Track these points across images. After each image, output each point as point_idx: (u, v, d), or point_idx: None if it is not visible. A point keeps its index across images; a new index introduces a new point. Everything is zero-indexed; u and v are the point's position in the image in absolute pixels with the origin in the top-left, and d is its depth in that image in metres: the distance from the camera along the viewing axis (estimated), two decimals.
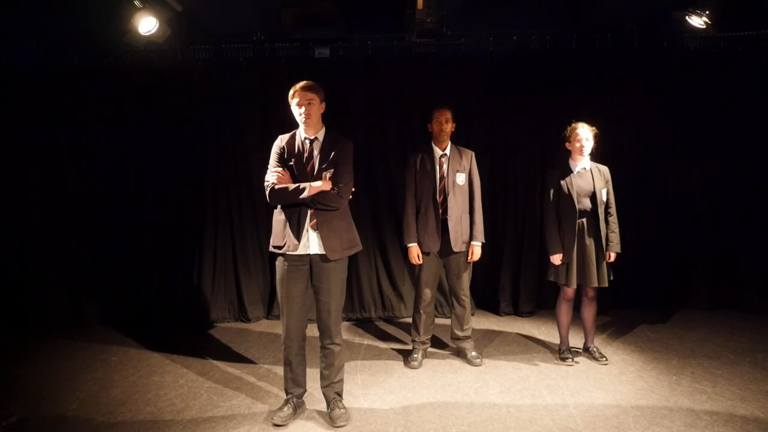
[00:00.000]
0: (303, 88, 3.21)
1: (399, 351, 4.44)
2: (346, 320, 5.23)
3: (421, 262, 4.08)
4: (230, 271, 5.28)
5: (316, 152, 3.26)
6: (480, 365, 4.08)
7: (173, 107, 5.20)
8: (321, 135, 3.30)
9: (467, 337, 4.22)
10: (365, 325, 5.14)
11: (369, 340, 4.72)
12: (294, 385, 3.39)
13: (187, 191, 5.23)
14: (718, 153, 5.31)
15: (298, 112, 3.23)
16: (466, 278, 4.17)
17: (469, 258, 4.10)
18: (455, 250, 4.04)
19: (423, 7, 4.27)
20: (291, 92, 3.24)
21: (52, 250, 5.20)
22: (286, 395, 3.41)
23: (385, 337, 4.82)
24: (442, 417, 3.33)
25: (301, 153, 3.27)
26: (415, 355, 4.14)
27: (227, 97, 5.21)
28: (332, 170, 3.23)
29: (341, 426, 3.23)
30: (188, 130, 5.21)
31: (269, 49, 5.21)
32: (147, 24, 4.42)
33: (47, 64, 5.14)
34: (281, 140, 3.35)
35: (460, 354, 4.25)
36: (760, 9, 4.89)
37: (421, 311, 4.13)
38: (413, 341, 4.21)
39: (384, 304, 5.30)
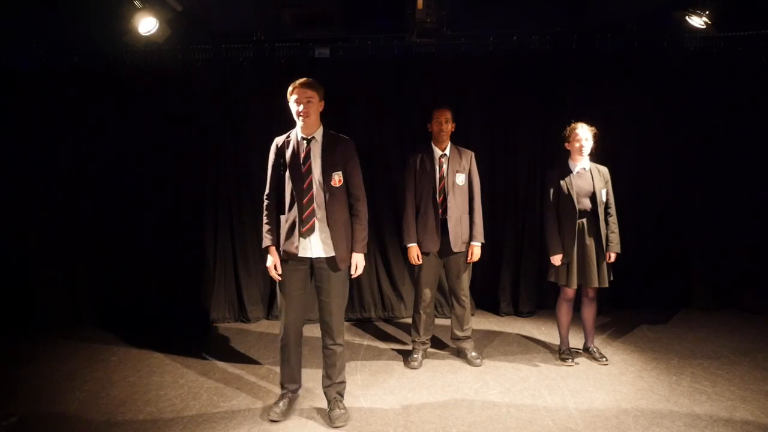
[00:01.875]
0: (302, 85, 3.18)
1: (399, 351, 4.43)
2: (346, 320, 5.22)
3: (420, 262, 4.07)
4: (230, 271, 5.28)
5: (315, 153, 3.23)
6: (480, 365, 4.08)
7: (173, 107, 5.20)
8: (319, 135, 3.26)
9: (467, 338, 4.21)
10: (365, 325, 5.14)
11: (369, 340, 4.72)
12: (290, 381, 3.40)
13: (187, 191, 5.23)
14: (718, 153, 5.31)
15: (295, 109, 3.19)
16: (465, 278, 4.17)
17: (468, 258, 4.10)
18: (455, 250, 4.04)
19: (423, 7, 4.27)
20: (290, 88, 3.21)
21: (52, 250, 5.20)
22: (282, 390, 3.42)
23: (385, 337, 4.82)
24: (442, 417, 3.33)
25: (296, 153, 3.23)
26: (415, 356, 4.14)
27: (227, 97, 5.21)
28: (340, 172, 3.22)
29: (340, 426, 3.23)
30: (188, 130, 5.21)
31: (269, 49, 5.21)
32: (147, 24, 4.42)
33: (47, 65, 5.15)
34: (275, 144, 3.33)
35: (460, 354, 4.25)
36: (760, 9, 4.89)
37: (421, 311, 4.13)
38: (413, 341, 4.21)
39: (384, 304, 5.30)
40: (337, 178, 3.22)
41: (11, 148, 5.16)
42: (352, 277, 3.32)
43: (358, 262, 3.30)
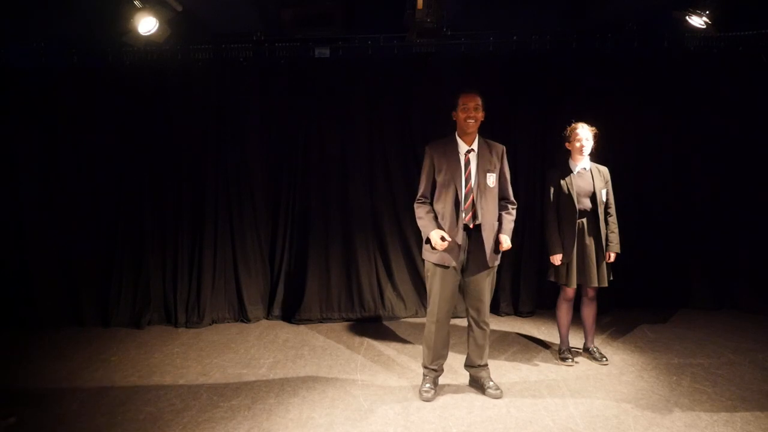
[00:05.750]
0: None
1: (399, 351, 4.43)
2: (346, 320, 5.23)
3: (444, 245, 3.35)
4: (230, 271, 5.28)
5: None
6: (501, 397, 3.66)
7: (173, 107, 5.20)
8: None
9: (484, 366, 3.76)
10: (365, 325, 5.14)
11: (369, 340, 4.71)
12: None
13: (187, 191, 5.23)
14: (718, 152, 5.31)
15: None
16: (489, 298, 3.62)
17: (500, 246, 3.52)
18: (490, 264, 3.47)
19: (423, 7, 4.26)
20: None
21: (52, 250, 5.20)
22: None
23: (385, 337, 4.81)
24: (442, 417, 3.33)
25: None
26: (427, 385, 3.60)
27: (227, 97, 5.21)
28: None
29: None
30: (188, 129, 5.21)
31: (269, 49, 5.21)
32: (147, 24, 4.41)
33: (47, 64, 5.14)
34: None
35: (475, 384, 3.80)
36: (760, 9, 4.88)
37: (433, 337, 3.55)
38: (424, 368, 3.65)
39: (384, 304, 5.30)
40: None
41: (11, 147, 5.16)
42: None
43: None
